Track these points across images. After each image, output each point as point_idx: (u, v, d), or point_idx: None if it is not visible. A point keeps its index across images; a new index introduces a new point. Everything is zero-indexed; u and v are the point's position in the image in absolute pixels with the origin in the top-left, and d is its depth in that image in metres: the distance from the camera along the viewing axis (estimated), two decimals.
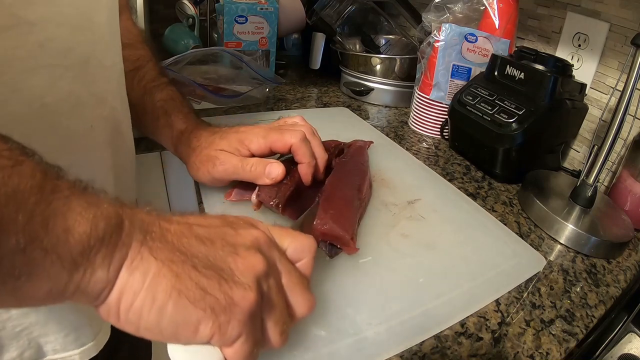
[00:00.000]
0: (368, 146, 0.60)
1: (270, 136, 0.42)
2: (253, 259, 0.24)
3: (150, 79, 0.48)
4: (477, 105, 0.62)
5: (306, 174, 0.43)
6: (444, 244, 0.44)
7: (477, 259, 0.42)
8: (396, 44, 0.98)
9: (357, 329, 0.33)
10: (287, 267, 0.27)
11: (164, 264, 0.21)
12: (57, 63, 0.29)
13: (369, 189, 0.48)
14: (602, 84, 0.62)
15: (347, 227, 0.38)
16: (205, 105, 0.73)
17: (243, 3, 0.79)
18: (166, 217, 0.24)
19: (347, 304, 0.35)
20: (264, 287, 0.24)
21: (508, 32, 0.68)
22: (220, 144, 0.42)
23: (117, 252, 0.20)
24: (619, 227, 0.50)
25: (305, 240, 0.29)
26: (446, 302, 0.37)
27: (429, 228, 0.46)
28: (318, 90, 0.91)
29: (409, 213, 0.48)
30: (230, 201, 0.45)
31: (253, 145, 0.42)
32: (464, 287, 0.38)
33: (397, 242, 0.43)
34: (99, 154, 0.36)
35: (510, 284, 0.40)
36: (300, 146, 0.42)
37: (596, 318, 0.39)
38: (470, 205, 0.52)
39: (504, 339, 0.35)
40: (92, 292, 0.20)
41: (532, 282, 0.42)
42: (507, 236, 0.47)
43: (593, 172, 0.49)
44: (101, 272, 0.20)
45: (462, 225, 0.47)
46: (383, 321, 0.34)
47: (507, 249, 0.45)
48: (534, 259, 0.44)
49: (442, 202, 0.51)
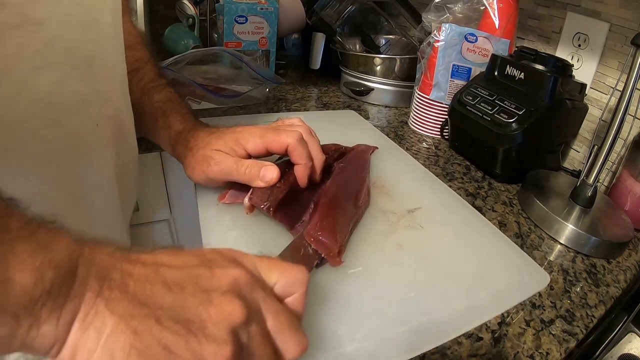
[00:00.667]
0: (372, 152, 0.58)
1: (266, 136, 0.41)
2: (229, 306, 0.21)
3: (149, 80, 0.48)
4: (477, 105, 0.62)
5: (302, 176, 0.42)
6: (442, 256, 0.41)
7: (476, 274, 0.40)
8: (396, 44, 0.98)
9: (337, 343, 0.31)
10: (273, 308, 0.24)
11: (121, 319, 0.19)
12: (63, 62, 0.29)
13: (366, 196, 0.47)
14: (602, 84, 0.62)
15: (336, 238, 0.37)
16: (205, 105, 0.73)
17: (243, 3, 0.79)
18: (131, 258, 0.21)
19: (330, 315, 0.33)
20: (242, 338, 0.21)
21: (508, 32, 0.68)
22: (217, 144, 0.42)
23: (68, 304, 0.18)
24: (619, 227, 0.50)
25: (296, 272, 0.26)
26: (436, 320, 0.34)
27: (427, 239, 0.44)
28: (318, 90, 0.91)
29: (408, 222, 0.46)
30: (224, 203, 0.44)
31: (249, 145, 0.42)
32: (459, 304, 0.36)
33: (392, 253, 0.41)
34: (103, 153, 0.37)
35: (509, 302, 0.38)
36: (297, 147, 0.41)
37: (596, 318, 0.39)
38: (475, 215, 0.50)
39: (504, 339, 0.35)
40: (40, 347, 0.18)
41: None
42: (510, 250, 0.44)
43: (593, 172, 0.49)
44: (48, 328, 0.18)
45: (463, 237, 0.45)
46: (367, 336, 0.32)
47: (510, 264, 0.42)
48: (537, 275, 0.41)
49: (444, 211, 0.49)
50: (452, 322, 0.34)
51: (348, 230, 0.40)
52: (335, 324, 0.33)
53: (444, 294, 0.37)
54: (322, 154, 0.44)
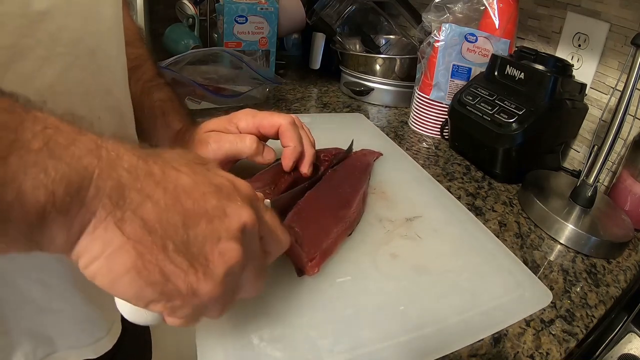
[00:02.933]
0: (376, 158, 0.57)
1: (259, 115, 0.42)
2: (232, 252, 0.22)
3: (148, 78, 0.48)
4: (477, 105, 0.62)
5: (289, 158, 0.42)
6: (438, 268, 0.39)
7: (474, 288, 0.38)
8: (396, 44, 0.98)
9: (316, 355, 0.30)
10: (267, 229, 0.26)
11: (129, 240, 0.19)
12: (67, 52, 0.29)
13: (361, 203, 0.45)
14: (602, 84, 0.62)
15: (310, 247, 0.35)
16: (205, 105, 0.73)
17: (243, 3, 0.79)
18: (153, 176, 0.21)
19: (311, 325, 0.32)
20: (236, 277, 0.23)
21: (508, 32, 0.68)
22: (209, 125, 0.43)
23: (78, 218, 0.18)
24: (619, 227, 0.50)
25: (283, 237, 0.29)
26: (424, 336, 0.32)
27: (424, 249, 0.41)
28: (318, 90, 0.91)
29: (405, 231, 0.44)
30: None
31: (242, 123, 0.42)
32: (450, 320, 0.34)
33: (384, 263, 0.39)
34: None
35: (507, 319, 0.36)
36: (288, 128, 0.41)
37: (596, 318, 0.39)
38: (477, 227, 0.47)
39: (504, 339, 0.35)
40: (50, 249, 0.19)
41: None
42: (513, 265, 0.42)
43: (593, 172, 0.49)
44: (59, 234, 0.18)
45: (463, 249, 0.43)
46: (348, 349, 0.30)
47: (511, 279, 0.40)
48: (539, 292, 0.39)
49: (445, 221, 0.47)
50: (442, 340, 0.33)
51: (328, 240, 0.38)
52: (314, 333, 0.31)
53: (436, 309, 0.35)
54: (312, 147, 0.45)
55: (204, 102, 0.73)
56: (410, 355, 0.31)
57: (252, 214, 0.24)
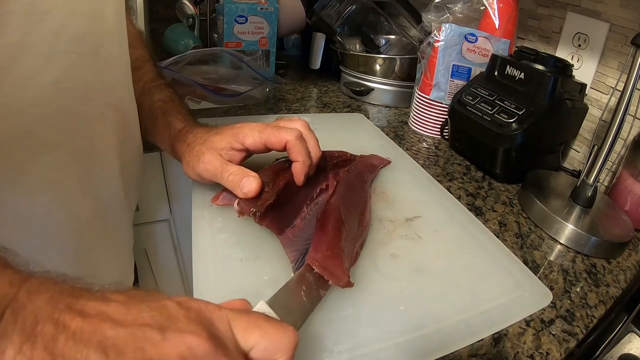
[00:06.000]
0: (383, 165, 0.56)
1: (265, 131, 0.41)
2: None
3: (149, 79, 0.49)
4: (477, 105, 0.62)
5: (299, 173, 0.41)
6: (438, 268, 0.39)
7: (474, 288, 0.38)
8: (396, 44, 0.98)
9: (316, 355, 0.30)
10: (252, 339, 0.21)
11: None
12: (71, 50, 0.30)
13: (369, 212, 0.45)
14: (602, 84, 0.62)
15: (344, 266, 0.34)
16: (205, 105, 0.73)
17: (243, 3, 0.79)
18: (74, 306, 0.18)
19: (310, 325, 0.31)
20: None
21: (508, 32, 0.68)
22: (214, 140, 0.42)
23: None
24: (619, 227, 0.50)
25: (281, 336, 0.22)
26: (424, 336, 0.32)
27: (423, 249, 0.42)
28: (318, 90, 0.91)
29: (405, 231, 0.44)
30: (217, 205, 0.43)
31: (248, 140, 0.41)
32: (450, 320, 0.34)
33: (384, 263, 0.39)
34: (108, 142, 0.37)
35: (507, 319, 0.36)
36: (296, 144, 0.40)
37: (596, 318, 0.39)
38: (477, 227, 0.47)
39: (504, 339, 0.35)
40: None
41: None
42: (512, 265, 0.42)
43: (593, 172, 0.49)
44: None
45: (463, 249, 0.43)
46: (348, 349, 0.30)
47: (510, 279, 0.40)
48: (539, 292, 0.39)
49: (445, 221, 0.47)
50: (442, 340, 0.33)
51: (353, 252, 0.37)
52: (314, 333, 0.31)
53: (436, 309, 0.35)
54: (319, 150, 0.44)
55: (204, 102, 0.73)
56: (410, 355, 0.31)
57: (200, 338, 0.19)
